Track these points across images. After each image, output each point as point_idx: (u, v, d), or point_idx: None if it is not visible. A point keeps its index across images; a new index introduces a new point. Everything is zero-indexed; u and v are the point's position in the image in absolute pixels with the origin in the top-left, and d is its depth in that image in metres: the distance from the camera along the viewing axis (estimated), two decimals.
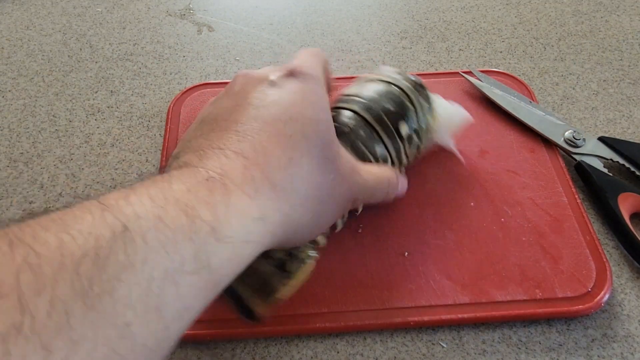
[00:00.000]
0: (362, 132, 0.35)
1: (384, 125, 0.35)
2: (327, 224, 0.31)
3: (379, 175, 0.34)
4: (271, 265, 0.30)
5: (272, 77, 0.29)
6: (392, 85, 0.37)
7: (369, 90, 0.37)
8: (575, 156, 0.42)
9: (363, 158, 0.34)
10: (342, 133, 0.34)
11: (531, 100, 0.46)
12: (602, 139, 0.43)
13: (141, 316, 0.18)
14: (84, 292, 0.17)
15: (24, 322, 0.15)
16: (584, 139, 0.43)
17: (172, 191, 0.22)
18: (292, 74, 0.29)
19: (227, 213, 0.22)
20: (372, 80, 0.38)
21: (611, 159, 0.42)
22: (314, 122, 0.28)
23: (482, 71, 0.49)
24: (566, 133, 0.43)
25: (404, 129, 0.36)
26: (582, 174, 0.42)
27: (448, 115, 0.40)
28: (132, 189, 0.21)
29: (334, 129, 0.29)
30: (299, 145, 0.27)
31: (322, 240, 0.34)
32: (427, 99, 0.39)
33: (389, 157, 0.36)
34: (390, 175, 0.35)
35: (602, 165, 0.41)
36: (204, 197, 0.22)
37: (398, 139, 0.36)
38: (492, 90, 0.47)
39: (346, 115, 0.35)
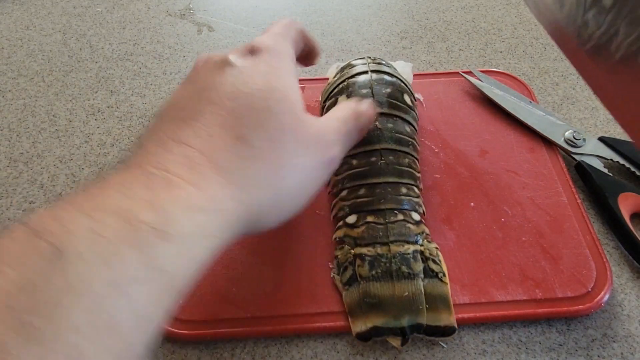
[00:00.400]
0: (390, 125, 0.37)
1: (397, 107, 0.37)
2: (305, 196, 0.28)
3: (345, 116, 0.32)
4: (421, 280, 0.33)
5: (231, 57, 0.28)
6: (369, 73, 0.39)
7: (361, 86, 0.38)
8: (575, 156, 0.42)
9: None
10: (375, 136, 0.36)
11: (531, 100, 0.46)
12: (602, 139, 0.43)
13: (93, 337, 0.17)
14: (22, 327, 0.16)
15: None
16: (584, 139, 0.43)
17: (107, 198, 0.20)
18: (251, 51, 0.28)
19: (172, 209, 0.21)
20: (352, 75, 0.39)
21: (611, 159, 0.42)
22: (265, 94, 0.26)
23: (482, 71, 0.49)
24: (566, 133, 0.43)
25: (407, 99, 0.38)
26: (582, 174, 0.42)
27: (404, 73, 0.42)
28: (63, 204, 0.20)
29: (295, 96, 0.28)
30: (247, 120, 0.25)
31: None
32: (388, 65, 0.41)
33: (415, 129, 0.39)
34: (353, 107, 0.33)
35: (602, 165, 0.41)
36: (143, 197, 0.20)
37: (410, 109, 0.39)
38: (492, 90, 0.47)
39: None
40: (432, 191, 0.40)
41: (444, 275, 0.34)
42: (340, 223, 0.37)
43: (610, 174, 0.41)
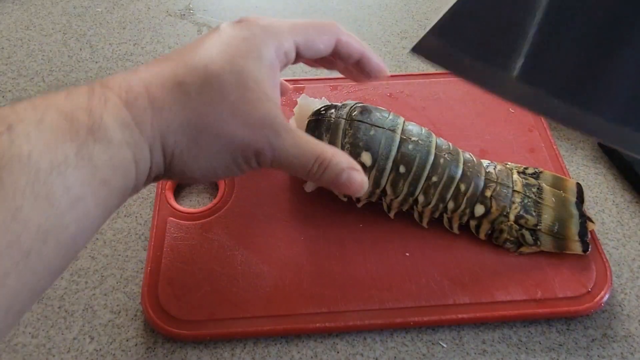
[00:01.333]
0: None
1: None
2: (216, 167, 0.29)
3: (305, 149, 0.30)
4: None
5: (222, 25, 0.31)
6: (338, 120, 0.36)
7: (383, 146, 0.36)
8: None
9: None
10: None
11: None
12: None
13: (31, 201, 0.21)
14: None
15: None
16: None
17: (54, 100, 0.24)
18: (239, 21, 0.31)
19: (103, 116, 0.25)
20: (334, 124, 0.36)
21: None
22: (224, 62, 0.28)
23: None
24: None
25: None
26: (606, 149, 0.43)
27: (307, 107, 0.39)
28: (21, 102, 0.24)
29: (255, 76, 0.28)
30: (195, 74, 0.27)
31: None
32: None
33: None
34: (324, 155, 0.30)
35: None
36: (82, 104, 0.24)
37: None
38: None
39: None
40: None
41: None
42: (475, 222, 0.37)
43: None
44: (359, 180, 0.31)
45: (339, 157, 0.31)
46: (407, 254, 0.37)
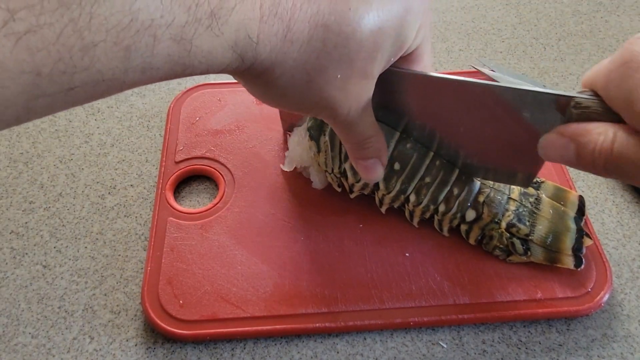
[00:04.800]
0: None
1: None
2: (301, 103, 0.28)
3: (368, 134, 0.32)
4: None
5: None
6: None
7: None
8: None
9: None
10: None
11: (544, 85, 0.46)
12: None
13: (109, 45, 0.19)
14: None
15: None
16: None
17: None
18: None
19: (229, 14, 0.23)
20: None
21: None
22: (373, 27, 0.26)
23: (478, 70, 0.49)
24: None
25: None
26: None
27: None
28: None
29: (380, 54, 0.27)
30: (343, 31, 0.26)
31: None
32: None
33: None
34: (377, 146, 0.33)
35: None
36: None
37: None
38: (507, 79, 0.47)
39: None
40: None
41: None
42: (466, 227, 0.37)
43: None
44: (378, 172, 0.34)
45: (382, 144, 0.33)
46: (407, 254, 0.37)
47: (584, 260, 0.35)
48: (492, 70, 0.48)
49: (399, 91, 0.32)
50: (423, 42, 0.30)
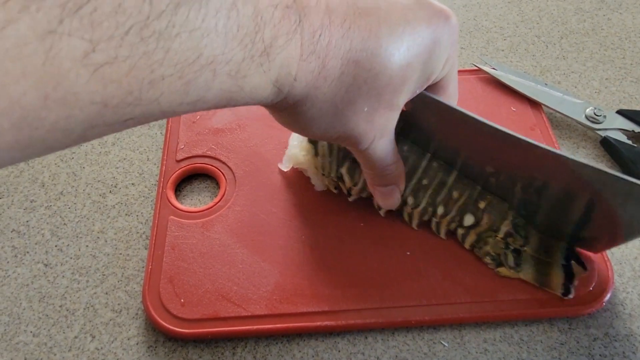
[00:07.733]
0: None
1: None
2: (326, 132, 0.29)
3: (389, 162, 0.32)
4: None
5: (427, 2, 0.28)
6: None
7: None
8: (599, 132, 0.44)
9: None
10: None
11: (546, 83, 0.47)
12: (620, 112, 0.44)
13: (174, 79, 0.19)
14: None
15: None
16: (604, 115, 0.44)
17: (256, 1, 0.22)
18: (443, 12, 0.28)
19: (278, 52, 0.23)
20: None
21: (633, 130, 0.43)
22: (397, 51, 0.26)
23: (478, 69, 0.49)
24: (587, 110, 0.45)
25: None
26: (608, 148, 0.43)
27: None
28: None
29: (404, 80, 0.28)
30: (372, 61, 0.26)
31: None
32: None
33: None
34: (397, 174, 0.34)
35: (626, 137, 0.43)
36: (274, 21, 0.23)
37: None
38: (509, 78, 0.47)
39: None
40: None
41: None
42: (463, 231, 0.36)
43: (635, 145, 0.42)
44: (395, 199, 0.35)
45: (401, 171, 0.35)
46: (408, 253, 0.37)
47: (572, 290, 0.34)
48: (493, 69, 0.48)
49: (421, 112, 0.32)
50: (449, 72, 0.30)
